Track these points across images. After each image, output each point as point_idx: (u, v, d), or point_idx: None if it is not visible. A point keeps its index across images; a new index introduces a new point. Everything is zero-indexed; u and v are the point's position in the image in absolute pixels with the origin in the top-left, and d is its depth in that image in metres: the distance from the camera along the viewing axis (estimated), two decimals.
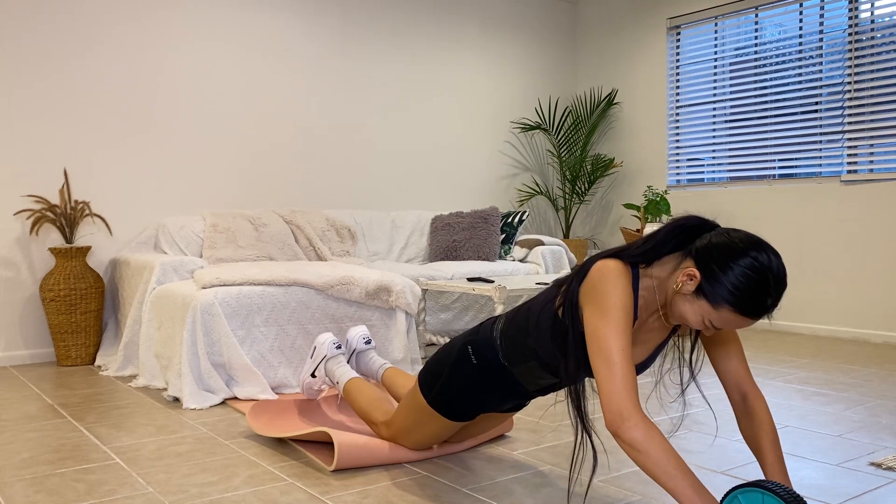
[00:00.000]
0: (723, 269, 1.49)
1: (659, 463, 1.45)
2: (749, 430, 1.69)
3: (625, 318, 1.55)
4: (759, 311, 1.49)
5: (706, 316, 1.54)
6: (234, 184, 4.60)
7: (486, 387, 1.95)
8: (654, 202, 4.90)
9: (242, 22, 4.62)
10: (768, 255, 1.49)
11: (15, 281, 3.95)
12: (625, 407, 1.49)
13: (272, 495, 1.96)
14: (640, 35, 5.79)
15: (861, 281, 4.55)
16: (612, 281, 1.56)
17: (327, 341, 2.69)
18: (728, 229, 1.56)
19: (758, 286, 1.47)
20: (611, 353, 1.53)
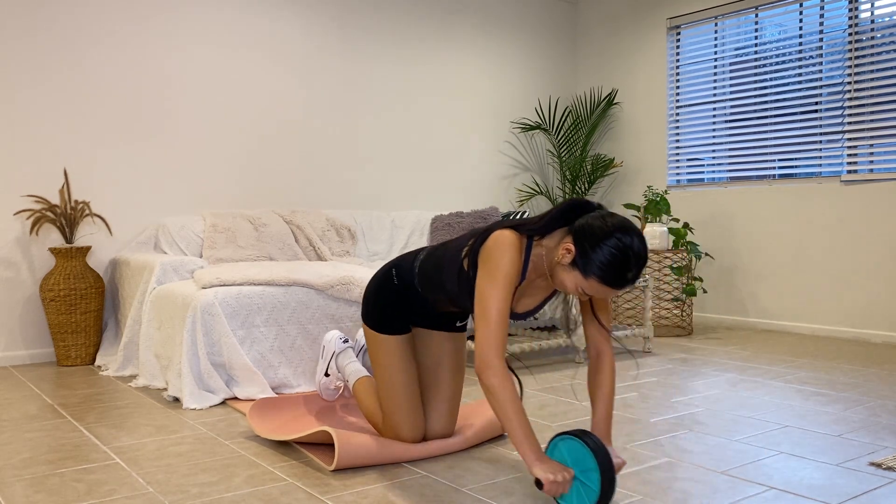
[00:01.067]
0: (593, 246, 1.78)
1: (504, 407, 1.80)
2: (592, 385, 2.03)
3: (508, 284, 1.86)
4: (621, 283, 1.80)
5: (579, 284, 1.84)
6: (234, 184, 4.60)
7: (405, 304, 2.26)
8: (654, 202, 4.90)
9: (242, 22, 4.62)
10: (631, 237, 1.78)
11: (15, 281, 3.95)
12: (490, 358, 1.82)
13: (272, 495, 1.96)
14: (640, 35, 5.79)
15: (861, 281, 4.55)
16: (503, 251, 1.87)
17: (334, 338, 2.71)
18: (604, 213, 1.85)
19: (621, 263, 1.76)
20: (489, 312, 1.84)
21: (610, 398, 2.00)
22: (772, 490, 1.98)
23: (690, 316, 4.84)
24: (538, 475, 1.75)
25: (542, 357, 4.04)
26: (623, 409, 2.88)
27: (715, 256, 5.31)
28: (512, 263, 1.86)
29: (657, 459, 2.25)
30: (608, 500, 1.74)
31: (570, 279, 1.84)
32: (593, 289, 1.81)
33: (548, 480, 1.74)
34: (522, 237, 1.91)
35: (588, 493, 1.77)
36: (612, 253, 1.76)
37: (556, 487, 1.75)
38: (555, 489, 1.75)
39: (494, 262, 1.86)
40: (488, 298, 1.85)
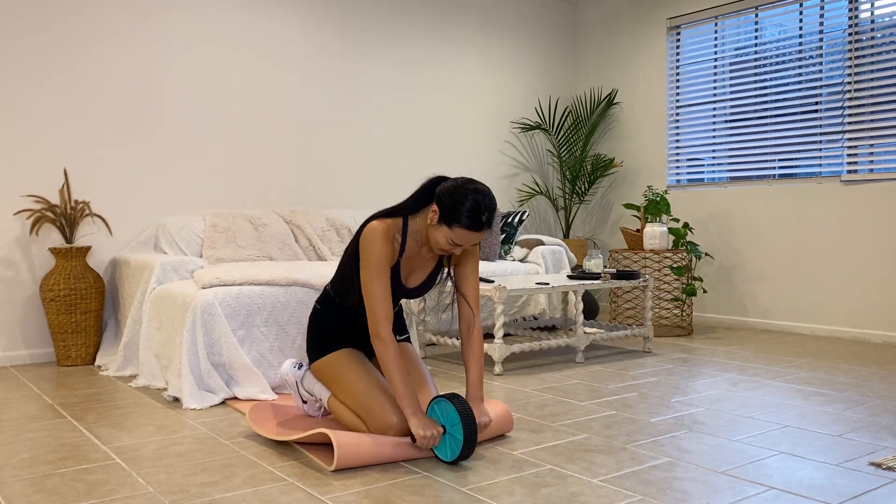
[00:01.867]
0: (450, 202, 2.19)
1: (388, 369, 2.20)
2: (466, 352, 2.42)
3: (379, 268, 2.24)
4: (479, 225, 2.19)
5: (448, 237, 2.22)
6: (234, 184, 4.60)
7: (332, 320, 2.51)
8: (654, 202, 4.90)
9: (242, 23, 4.62)
10: (477, 187, 2.21)
11: (15, 281, 3.95)
12: (378, 329, 2.23)
13: (272, 495, 1.96)
14: (640, 35, 5.79)
15: (861, 281, 4.55)
16: (370, 241, 2.25)
17: (288, 368, 2.67)
18: (457, 178, 2.26)
19: (474, 207, 2.18)
20: (371, 294, 2.25)
21: (480, 361, 2.41)
22: (772, 490, 1.98)
23: (690, 316, 4.84)
24: (412, 428, 2.16)
25: (542, 357, 4.04)
26: (623, 409, 2.88)
27: (715, 256, 5.31)
28: (380, 250, 2.24)
29: (657, 459, 2.25)
30: (470, 451, 2.16)
31: (441, 235, 2.22)
32: (460, 237, 2.20)
33: (419, 434, 2.14)
34: (397, 220, 2.31)
35: (454, 445, 2.17)
36: (465, 202, 2.17)
37: (426, 440, 2.15)
38: (425, 442, 2.15)
39: (365, 253, 2.25)
40: (367, 284, 2.25)
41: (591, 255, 4.18)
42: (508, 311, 4.51)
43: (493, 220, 2.22)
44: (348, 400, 2.38)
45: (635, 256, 4.90)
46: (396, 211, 2.33)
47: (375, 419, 2.29)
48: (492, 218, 2.20)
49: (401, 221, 2.32)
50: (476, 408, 2.34)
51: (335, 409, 2.44)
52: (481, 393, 2.38)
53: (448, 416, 2.19)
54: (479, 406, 2.34)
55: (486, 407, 2.40)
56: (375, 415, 2.29)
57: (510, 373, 3.61)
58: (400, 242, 2.31)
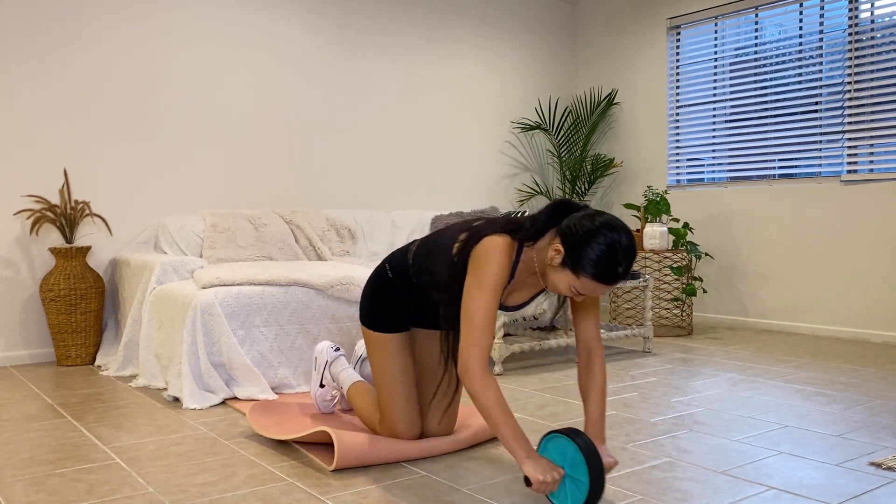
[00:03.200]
0: (581, 245, 1.79)
1: (488, 411, 1.82)
2: (585, 383, 2.03)
3: (495, 291, 1.88)
4: (612, 279, 1.80)
5: (572, 284, 1.85)
6: (234, 184, 4.60)
7: (401, 298, 2.26)
8: (654, 202, 4.90)
9: (242, 23, 4.62)
10: (619, 233, 1.79)
11: (15, 281, 3.95)
12: (472, 363, 1.85)
13: (272, 495, 1.96)
14: (640, 35, 5.79)
15: (861, 281, 4.55)
16: (493, 259, 1.89)
17: (325, 347, 2.70)
18: (590, 211, 1.86)
19: (610, 259, 1.78)
20: (475, 318, 1.87)
21: (602, 397, 2.01)
22: (772, 490, 1.98)
23: (690, 316, 4.84)
24: (528, 473, 1.78)
25: (542, 357, 4.04)
26: (623, 409, 2.88)
27: (715, 256, 5.31)
28: (500, 269, 1.89)
29: (657, 459, 2.25)
30: (598, 498, 1.77)
31: (563, 280, 1.86)
32: (586, 287, 1.83)
33: (536, 479, 1.77)
34: (513, 241, 1.94)
35: (578, 490, 1.79)
36: (601, 249, 1.78)
37: (545, 486, 1.78)
38: (544, 488, 1.78)
39: (483, 268, 1.89)
40: (475, 304, 1.88)
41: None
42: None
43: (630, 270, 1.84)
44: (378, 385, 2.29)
45: None
46: (513, 231, 1.95)
47: (387, 424, 2.28)
48: (630, 269, 1.82)
49: (515, 245, 1.95)
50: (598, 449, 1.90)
51: (354, 398, 2.45)
52: (603, 433, 1.99)
53: (567, 455, 1.83)
54: (601, 448, 1.96)
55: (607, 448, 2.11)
56: (392, 418, 2.27)
57: (510, 373, 3.61)
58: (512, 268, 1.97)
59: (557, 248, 1.84)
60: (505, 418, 1.82)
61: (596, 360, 2.03)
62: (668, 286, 4.96)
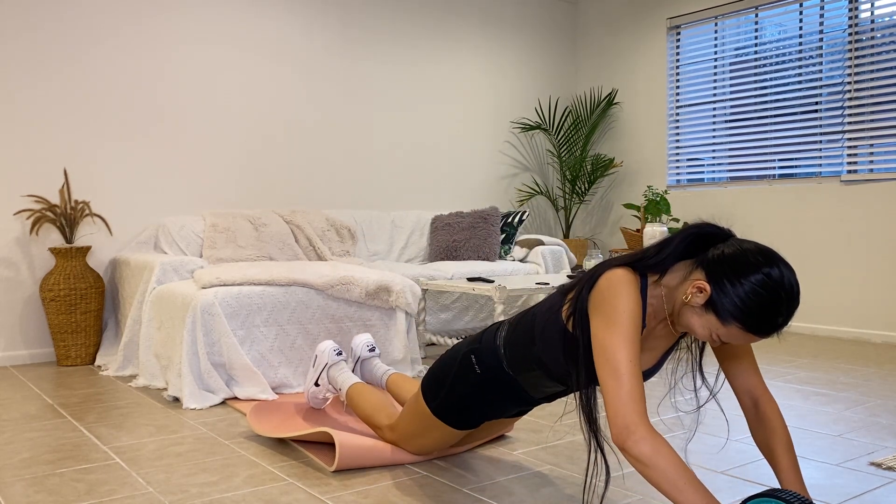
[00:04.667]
0: (734, 284, 1.45)
1: (668, 477, 1.42)
2: (762, 436, 1.66)
3: (633, 328, 1.51)
4: (768, 330, 1.46)
5: (714, 330, 1.51)
6: (234, 184, 4.60)
7: (490, 396, 1.94)
8: (654, 202, 4.90)
9: (242, 22, 4.62)
10: (781, 270, 1.44)
11: (15, 281, 3.95)
12: (632, 420, 1.46)
13: (272, 495, 1.96)
14: (640, 35, 5.79)
15: (861, 281, 4.55)
16: (621, 291, 1.53)
17: (328, 349, 2.68)
18: (742, 241, 1.52)
19: (769, 304, 1.43)
20: (618, 365, 1.49)
21: (789, 446, 1.63)
22: None
23: None
24: None
25: None
26: None
27: None
28: (633, 302, 1.52)
29: None
30: None
31: (703, 323, 1.52)
32: (732, 336, 1.49)
33: None
34: (636, 276, 1.58)
35: None
36: (758, 292, 1.43)
37: None
38: None
39: (612, 306, 1.53)
40: (613, 349, 1.50)
41: (591, 255, 4.19)
42: (508, 310, 4.51)
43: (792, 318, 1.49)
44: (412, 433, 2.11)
45: None
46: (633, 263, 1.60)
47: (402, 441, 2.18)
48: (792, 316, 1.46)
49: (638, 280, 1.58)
50: None
51: (353, 399, 2.43)
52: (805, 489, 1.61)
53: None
54: None
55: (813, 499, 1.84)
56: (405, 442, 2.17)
57: None
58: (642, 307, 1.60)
59: (701, 286, 1.49)
60: (693, 486, 1.41)
61: (767, 408, 1.65)
62: None
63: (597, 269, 1.62)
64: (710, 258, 1.51)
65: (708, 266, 1.50)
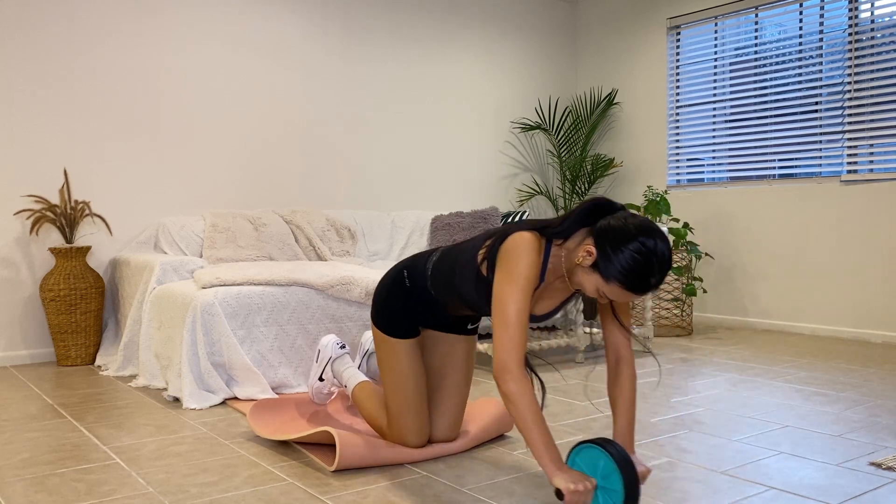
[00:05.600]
0: (615, 250, 1.72)
1: (522, 415, 1.74)
2: (614, 393, 1.96)
3: (527, 287, 1.81)
4: (644, 289, 1.74)
5: (599, 287, 1.79)
6: (234, 184, 4.60)
7: (417, 306, 2.23)
8: (654, 202, 4.90)
9: (242, 22, 4.62)
10: (655, 240, 1.71)
11: (15, 281, 3.95)
12: (508, 362, 1.77)
13: (272, 495, 1.96)
14: (640, 35, 5.79)
15: (861, 281, 4.55)
16: (522, 253, 1.82)
17: (330, 342, 2.68)
18: (627, 214, 1.78)
19: (643, 268, 1.71)
20: (507, 315, 1.80)
21: (631, 405, 1.94)
22: (772, 490, 1.98)
23: (690, 316, 4.84)
24: (559, 485, 1.69)
25: (543, 357, 4.04)
26: None
27: (715, 256, 5.31)
28: (531, 266, 1.81)
29: (657, 459, 2.25)
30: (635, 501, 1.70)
31: (591, 282, 1.79)
32: (614, 293, 1.76)
33: (568, 490, 1.68)
34: (541, 239, 1.87)
35: (612, 501, 1.73)
36: (635, 257, 1.70)
37: (577, 497, 1.69)
38: (576, 499, 1.69)
39: (513, 265, 1.82)
40: (507, 302, 1.80)
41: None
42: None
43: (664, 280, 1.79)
44: (388, 395, 2.24)
45: None
46: (540, 229, 1.90)
47: (396, 432, 2.24)
48: (663, 279, 1.75)
49: (543, 243, 1.88)
50: None
51: (360, 400, 2.43)
52: (632, 443, 1.94)
53: (598, 465, 1.76)
54: (633, 457, 1.87)
55: (639, 457, 2.09)
56: (401, 426, 2.23)
57: None
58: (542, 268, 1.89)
59: (589, 250, 1.76)
60: (538, 426, 1.73)
61: (625, 367, 1.95)
62: (668, 286, 4.96)
63: (510, 227, 1.91)
64: (598, 227, 1.79)
65: (596, 234, 1.78)
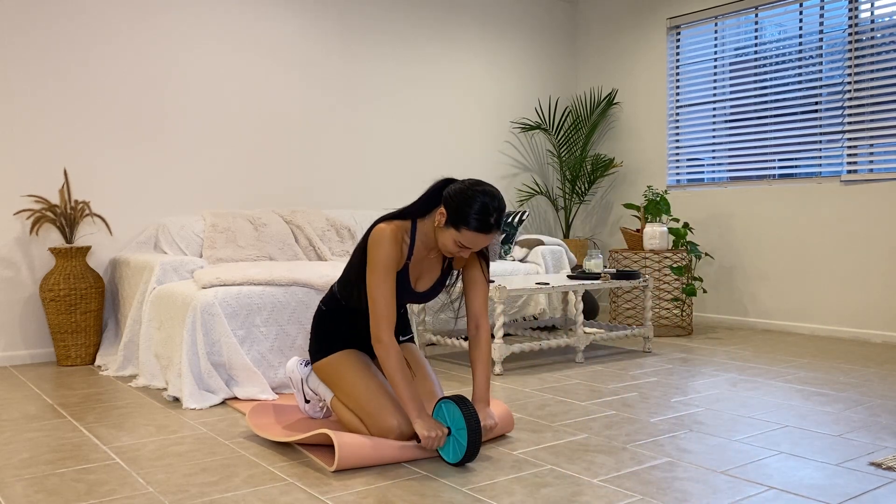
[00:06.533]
0: (455, 202, 2.17)
1: (390, 374, 2.19)
2: (473, 353, 2.38)
3: (385, 272, 2.22)
4: (488, 227, 2.16)
5: (456, 239, 2.19)
6: (234, 184, 4.60)
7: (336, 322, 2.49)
8: (654, 202, 4.90)
9: (242, 23, 4.62)
10: (484, 187, 2.19)
11: (15, 281, 3.95)
12: (378, 332, 2.21)
13: (272, 495, 1.96)
14: (640, 35, 5.79)
15: (861, 281, 4.55)
16: (381, 244, 2.22)
17: (294, 365, 2.66)
18: (466, 179, 2.23)
19: (482, 210, 2.15)
20: (375, 297, 2.22)
21: (487, 364, 2.37)
22: (772, 490, 1.98)
23: (690, 316, 4.84)
24: (417, 430, 2.16)
25: (542, 357, 4.04)
26: (623, 409, 2.88)
27: (715, 256, 5.31)
28: (387, 253, 2.21)
29: (657, 459, 2.25)
30: (474, 454, 2.15)
31: (448, 237, 2.20)
32: (468, 239, 2.17)
33: (423, 435, 2.14)
34: (405, 223, 2.29)
35: (459, 447, 2.17)
36: (471, 201, 2.15)
37: (430, 441, 2.15)
38: (430, 442, 2.16)
39: (373, 255, 2.23)
40: (372, 287, 2.23)
41: (591, 255, 4.19)
42: (508, 311, 4.51)
43: (502, 222, 2.19)
44: (350, 402, 2.36)
45: (635, 256, 4.90)
46: (405, 213, 2.31)
47: (376, 422, 2.29)
48: (500, 220, 2.17)
49: (409, 224, 2.30)
50: (481, 410, 2.33)
51: (338, 410, 2.44)
52: (487, 395, 2.36)
53: (454, 418, 2.18)
54: (485, 409, 2.33)
55: (491, 410, 2.40)
56: (376, 418, 2.29)
57: (510, 373, 3.61)
58: (408, 245, 2.29)
59: (441, 211, 2.20)
60: (403, 380, 2.18)
61: (482, 333, 2.38)
62: (668, 286, 4.96)
63: (376, 220, 2.30)
64: (444, 193, 2.24)
65: (444, 197, 2.23)
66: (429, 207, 2.30)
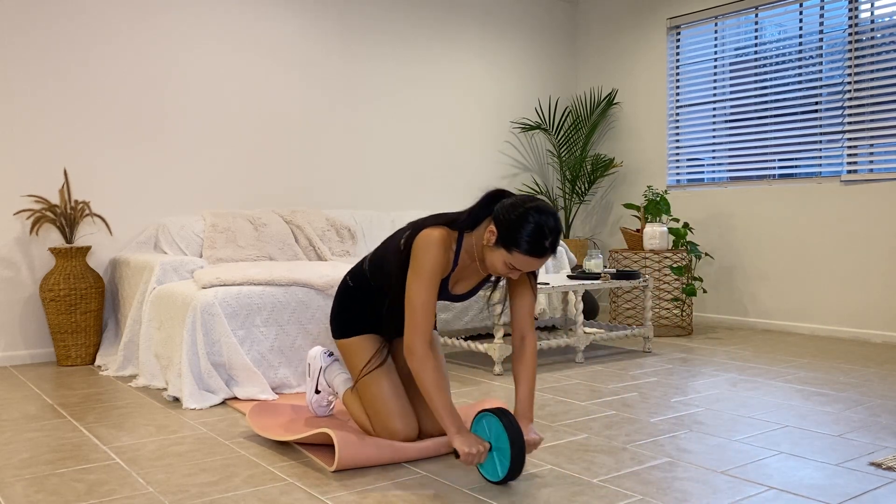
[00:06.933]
0: (510, 223, 2.00)
1: (426, 388, 2.03)
2: (517, 367, 2.23)
3: (431, 279, 2.08)
4: (541, 252, 2.00)
5: (506, 261, 2.04)
6: (234, 184, 4.60)
7: (362, 301, 2.41)
8: (654, 202, 4.90)
9: (242, 23, 4.62)
10: (537, 203, 2.02)
11: (15, 281, 3.95)
12: (413, 344, 2.06)
13: (272, 495, 1.96)
14: (640, 35, 5.79)
15: (861, 281, 4.55)
16: (428, 250, 2.07)
17: (318, 353, 2.67)
18: (517, 195, 2.08)
19: (537, 233, 1.98)
20: (414, 304, 2.07)
21: (532, 379, 2.22)
22: (772, 490, 1.98)
23: (690, 316, 4.84)
24: (456, 446, 1.99)
25: (542, 357, 4.04)
26: (623, 409, 2.88)
27: (715, 256, 5.31)
28: (435, 261, 2.07)
29: (657, 459, 2.25)
30: (518, 471, 1.99)
31: (498, 258, 2.05)
32: (519, 262, 2.02)
33: (463, 451, 1.98)
34: (453, 232, 2.14)
35: (502, 463, 2.01)
36: (527, 224, 1.98)
37: (471, 458, 1.99)
38: (470, 459, 1.99)
39: (420, 260, 2.08)
40: (414, 292, 2.08)
41: (590, 255, 4.19)
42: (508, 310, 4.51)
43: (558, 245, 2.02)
44: (364, 392, 2.32)
45: (635, 256, 4.90)
46: (452, 222, 2.16)
47: (381, 422, 2.29)
48: (556, 242, 2.01)
49: (456, 234, 2.15)
50: (525, 427, 2.15)
51: (349, 404, 2.44)
52: (531, 413, 2.20)
53: (495, 432, 2.04)
54: (528, 426, 2.16)
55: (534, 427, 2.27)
56: (382, 418, 2.28)
57: (510, 373, 3.61)
58: (454, 256, 2.15)
59: (491, 230, 2.04)
60: (440, 396, 2.03)
61: (528, 345, 2.23)
62: (668, 286, 4.96)
63: (425, 221, 2.16)
64: (495, 210, 2.07)
65: (494, 215, 2.06)
66: (477, 220, 2.14)
